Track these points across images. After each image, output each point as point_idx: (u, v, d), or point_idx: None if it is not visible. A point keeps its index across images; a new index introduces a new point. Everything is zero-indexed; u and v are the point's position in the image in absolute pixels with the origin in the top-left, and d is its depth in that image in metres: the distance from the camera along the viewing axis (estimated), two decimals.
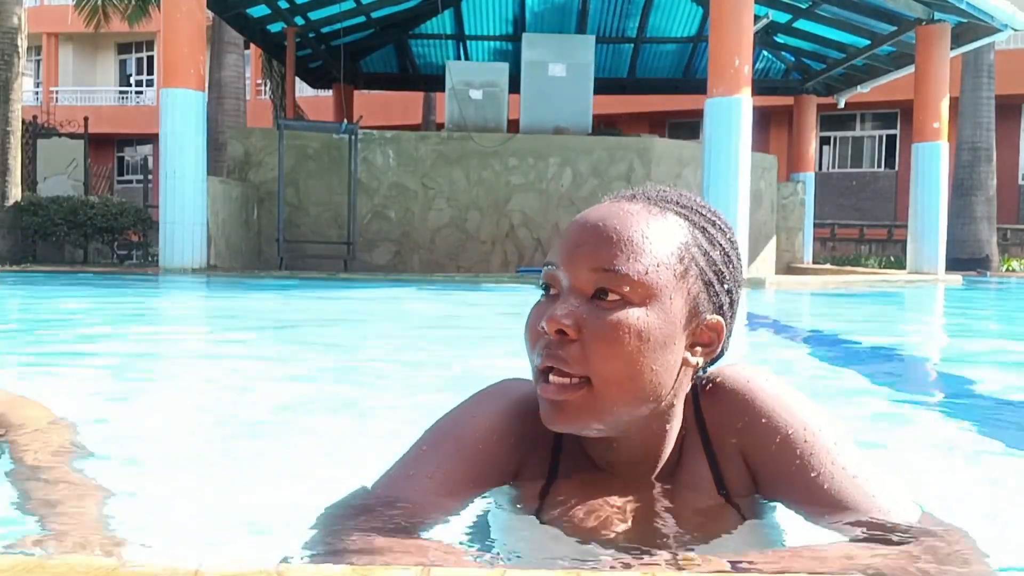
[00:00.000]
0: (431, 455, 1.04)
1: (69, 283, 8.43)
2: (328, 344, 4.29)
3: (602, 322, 0.94)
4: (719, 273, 1.02)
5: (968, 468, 1.90)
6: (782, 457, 1.02)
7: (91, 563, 0.64)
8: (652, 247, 0.97)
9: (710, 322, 1.02)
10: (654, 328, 0.96)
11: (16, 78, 11.86)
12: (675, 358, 0.99)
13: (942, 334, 5.80)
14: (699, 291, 1.00)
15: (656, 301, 0.96)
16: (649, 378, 0.97)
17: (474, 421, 1.06)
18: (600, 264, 0.96)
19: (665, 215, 1.01)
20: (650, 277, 0.96)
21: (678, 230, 1.00)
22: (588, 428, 0.99)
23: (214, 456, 1.90)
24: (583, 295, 0.97)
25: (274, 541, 0.94)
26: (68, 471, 1.33)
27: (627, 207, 1.01)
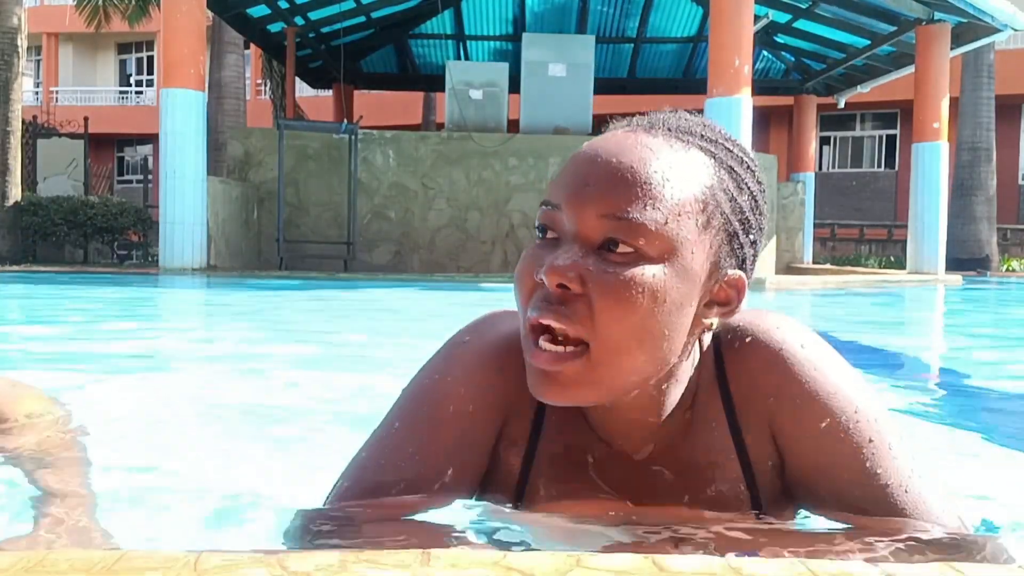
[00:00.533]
0: (405, 435, 0.94)
1: (69, 283, 8.43)
2: (328, 344, 4.29)
3: (612, 278, 0.80)
4: (745, 222, 0.88)
5: (968, 468, 1.90)
6: (811, 451, 0.89)
7: (91, 557, 0.64)
8: (673, 192, 0.82)
9: (731, 278, 0.88)
10: (671, 287, 0.82)
11: (16, 78, 11.86)
12: (689, 319, 0.86)
13: (942, 334, 5.79)
14: (722, 243, 0.86)
15: (675, 255, 0.82)
16: (659, 344, 0.83)
17: (451, 390, 0.94)
18: (611, 210, 0.81)
19: (689, 151, 0.86)
20: (670, 228, 0.82)
21: (703, 171, 0.85)
22: (581, 400, 0.86)
23: (214, 454, 1.90)
24: (589, 244, 0.83)
25: (274, 533, 0.94)
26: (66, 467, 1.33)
27: (645, 140, 0.85)
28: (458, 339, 0.99)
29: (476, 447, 0.95)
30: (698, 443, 0.94)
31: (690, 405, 0.94)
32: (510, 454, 0.97)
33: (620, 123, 0.93)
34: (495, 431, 0.96)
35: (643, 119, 0.91)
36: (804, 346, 0.92)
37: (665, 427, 0.93)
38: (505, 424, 0.96)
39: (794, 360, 0.90)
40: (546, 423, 0.96)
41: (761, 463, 0.93)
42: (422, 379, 0.98)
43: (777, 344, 0.91)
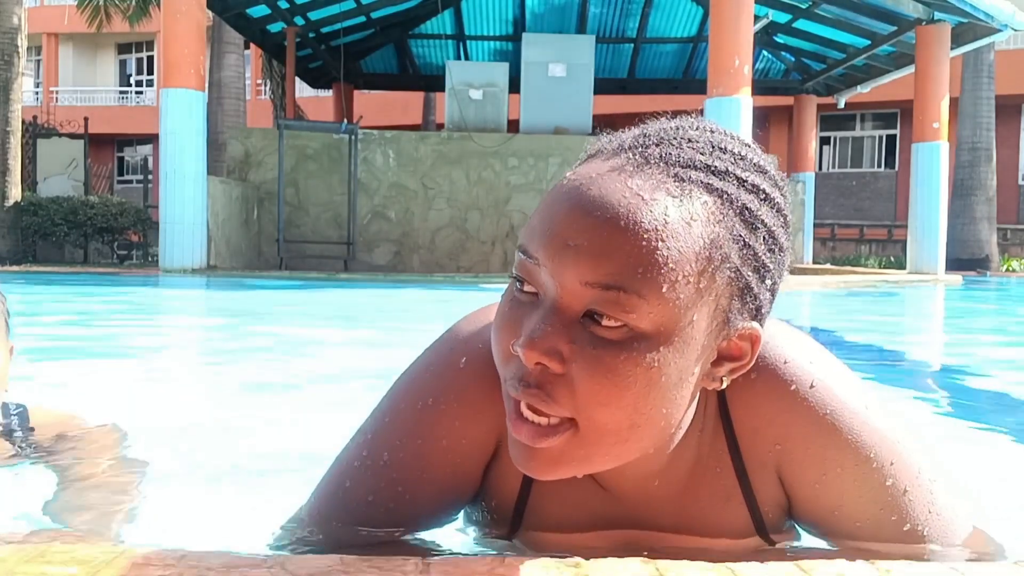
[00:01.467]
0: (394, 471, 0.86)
1: (69, 283, 8.43)
2: (328, 344, 4.29)
3: (598, 359, 0.69)
4: (760, 268, 0.75)
5: (968, 467, 1.90)
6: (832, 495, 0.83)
7: (91, 551, 0.64)
8: (670, 253, 0.69)
9: (743, 332, 0.76)
10: (667, 364, 0.70)
11: (16, 78, 11.86)
12: (691, 389, 0.75)
13: (942, 334, 5.79)
14: (731, 299, 0.74)
15: (672, 327, 0.70)
16: (656, 422, 0.73)
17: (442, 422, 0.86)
18: (596, 278, 0.68)
19: (690, 196, 0.72)
20: (666, 298, 0.69)
21: (707, 219, 0.72)
22: (569, 475, 0.76)
23: (214, 455, 1.90)
24: (571, 312, 0.71)
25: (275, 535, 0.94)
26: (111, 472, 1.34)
27: (637, 185, 0.71)
28: (451, 357, 0.88)
29: (468, 478, 0.89)
30: (702, 486, 0.87)
31: (694, 446, 0.86)
32: (503, 482, 0.90)
33: (609, 147, 0.78)
34: (488, 456, 0.89)
35: (636, 150, 0.75)
36: (814, 385, 0.83)
37: (668, 472, 0.86)
38: (499, 448, 0.88)
39: (803, 405, 0.82)
40: None
41: (768, 504, 0.88)
42: (413, 402, 0.88)
43: (785, 384, 0.83)
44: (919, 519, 0.83)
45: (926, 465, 0.86)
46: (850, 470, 0.82)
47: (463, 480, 0.88)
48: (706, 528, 0.88)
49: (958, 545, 0.83)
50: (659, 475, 0.85)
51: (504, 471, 0.88)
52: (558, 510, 0.89)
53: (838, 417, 0.82)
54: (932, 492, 0.84)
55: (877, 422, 0.84)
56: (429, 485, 0.86)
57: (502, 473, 0.88)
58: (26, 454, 1.39)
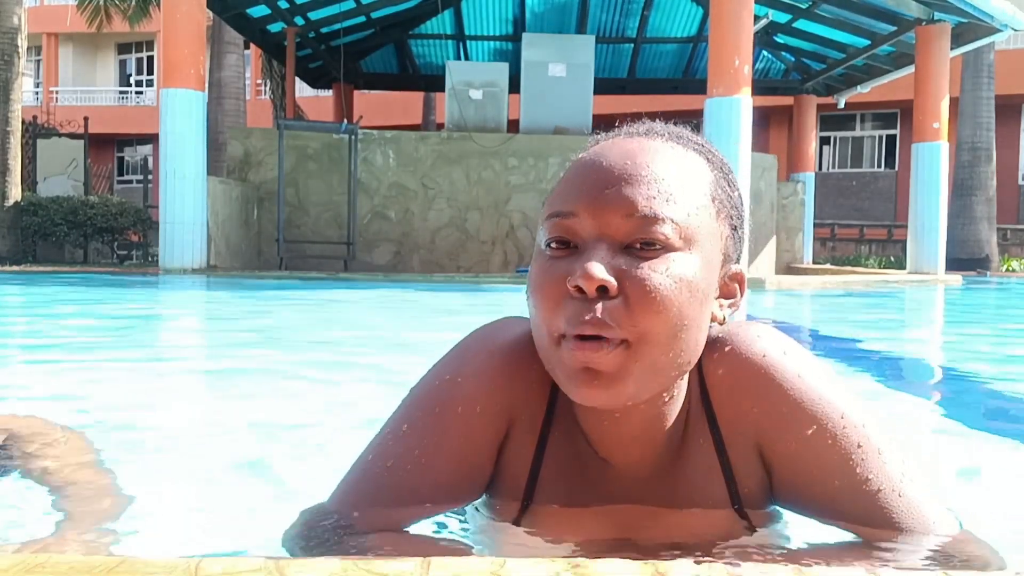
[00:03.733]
0: (412, 439, 0.93)
1: (69, 283, 8.43)
2: (327, 344, 4.29)
3: (649, 274, 0.81)
4: (740, 216, 0.93)
5: (968, 467, 1.90)
6: (800, 460, 0.89)
7: (91, 562, 0.64)
8: (686, 187, 0.85)
9: (734, 272, 0.92)
10: (699, 277, 0.84)
11: (16, 78, 11.86)
12: (709, 311, 0.88)
13: (942, 334, 5.79)
14: (728, 235, 0.90)
15: (697, 246, 0.85)
16: (692, 334, 0.85)
17: (456, 394, 0.93)
18: (635, 209, 0.83)
19: (687, 152, 0.90)
20: (690, 220, 0.84)
21: (703, 169, 0.90)
22: (621, 398, 0.84)
23: (214, 458, 1.90)
24: (616, 245, 0.83)
25: (274, 539, 0.94)
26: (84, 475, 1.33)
27: (649, 144, 0.88)
28: (469, 342, 0.98)
29: (482, 451, 0.94)
30: (687, 462, 0.94)
31: (682, 425, 0.94)
32: (515, 461, 0.96)
33: (613, 132, 0.95)
34: (501, 435, 0.95)
35: (638, 126, 0.94)
36: (786, 353, 0.92)
37: (662, 446, 0.93)
38: (511, 428, 0.95)
39: (776, 368, 0.91)
40: (552, 434, 0.95)
41: (745, 480, 0.94)
42: (431, 380, 0.97)
43: (758, 353, 0.92)
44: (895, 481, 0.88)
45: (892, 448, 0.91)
46: (826, 429, 0.88)
47: (477, 453, 0.94)
48: (691, 501, 0.95)
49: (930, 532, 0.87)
50: (656, 450, 0.93)
51: (517, 451, 0.95)
52: (565, 485, 0.95)
53: (811, 380, 0.91)
54: (903, 461, 0.90)
55: (847, 392, 0.92)
56: (445, 453, 0.92)
57: (515, 453, 0.95)
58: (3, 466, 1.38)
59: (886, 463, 0.88)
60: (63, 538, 1.06)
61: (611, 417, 0.91)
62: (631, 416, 0.90)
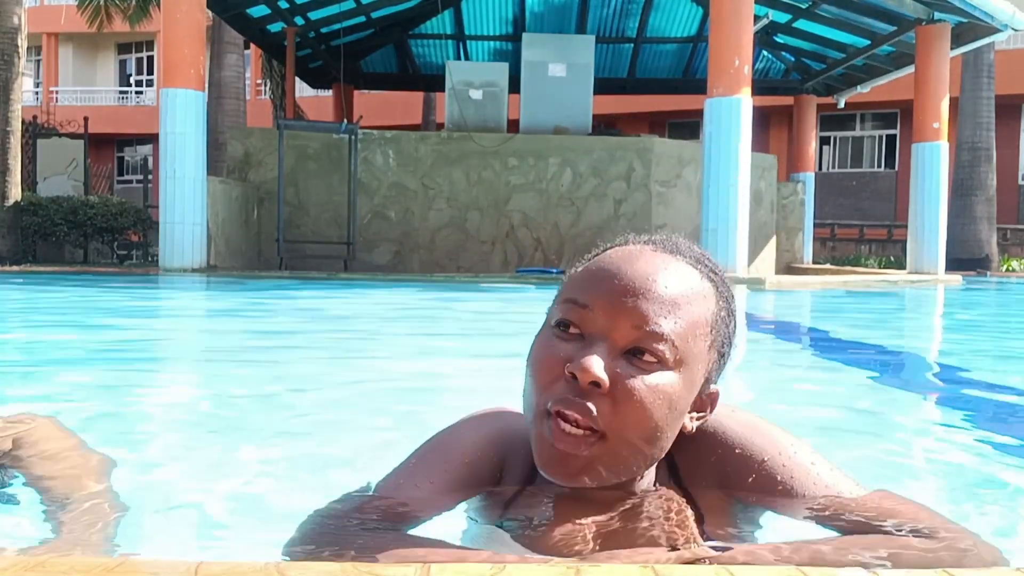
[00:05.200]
0: (419, 467, 1.05)
1: (69, 283, 8.43)
2: (327, 344, 4.29)
3: (640, 383, 0.91)
4: (731, 345, 1.03)
5: (968, 467, 1.90)
6: (763, 484, 1.01)
7: (91, 562, 0.64)
8: (694, 313, 0.95)
9: (711, 391, 1.02)
10: (682, 396, 0.94)
11: (16, 78, 11.86)
12: (681, 424, 0.98)
13: (942, 334, 5.80)
14: (714, 361, 0.99)
15: (686, 368, 0.94)
16: (661, 443, 0.96)
17: (459, 440, 1.07)
18: (646, 322, 0.92)
19: (703, 280, 0.99)
20: (688, 343, 0.94)
21: (711, 297, 0.98)
22: (587, 482, 0.95)
23: (214, 458, 1.90)
24: (616, 347, 0.92)
25: (274, 540, 0.94)
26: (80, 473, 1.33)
27: (670, 262, 0.97)
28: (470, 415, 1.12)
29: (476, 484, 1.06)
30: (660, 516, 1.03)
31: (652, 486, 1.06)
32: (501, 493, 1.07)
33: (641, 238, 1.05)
34: (493, 481, 1.06)
35: (665, 241, 1.03)
36: (732, 417, 1.06)
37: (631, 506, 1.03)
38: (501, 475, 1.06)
39: (726, 428, 1.04)
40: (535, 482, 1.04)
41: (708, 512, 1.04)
42: (438, 433, 1.11)
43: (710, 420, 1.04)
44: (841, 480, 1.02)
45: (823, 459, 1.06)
46: (778, 458, 1.02)
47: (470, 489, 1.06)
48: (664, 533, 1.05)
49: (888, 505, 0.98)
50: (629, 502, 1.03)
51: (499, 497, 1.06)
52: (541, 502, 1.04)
53: (759, 425, 1.06)
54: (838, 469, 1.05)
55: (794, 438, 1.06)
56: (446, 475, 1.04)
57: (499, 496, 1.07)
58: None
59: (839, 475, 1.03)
60: (63, 539, 1.06)
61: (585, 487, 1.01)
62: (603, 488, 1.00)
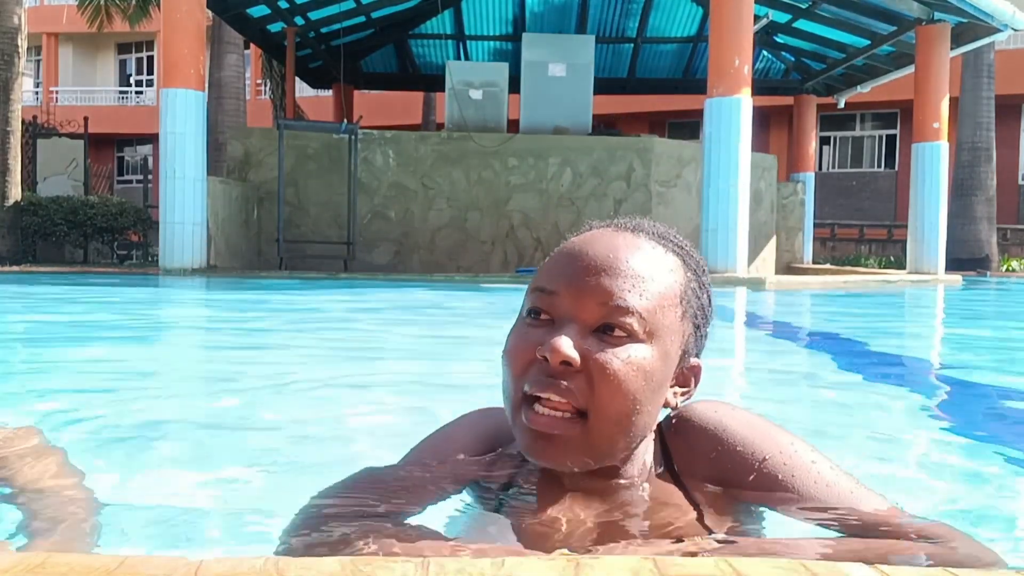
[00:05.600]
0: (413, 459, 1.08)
1: (69, 283, 8.43)
2: (327, 344, 4.29)
3: (610, 356, 0.91)
4: (706, 317, 1.03)
5: (967, 467, 1.90)
6: (763, 482, 1.00)
7: (91, 562, 0.64)
8: (659, 285, 0.95)
9: (692, 365, 1.02)
10: (656, 368, 0.94)
11: (16, 78, 11.87)
12: (663, 398, 0.99)
13: (942, 334, 5.80)
14: (690, 333, 1.00)
15: (659, 340, 0.94)
16: (643, 418, 0.95)
17: (454, 437, 1.09)
18: (610, 298, 0.92)
19: (667, 253, 0.99)
20: (656, 315, 0.94)
21: (678, 270, 0.99)
22: (572, 464, 0.95)
23: (214, 455, 1.90)
24: (586, 327, 0.93)
25: (272, 542, 0.94)
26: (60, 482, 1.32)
27: (631, 239, 0.98)
28: (460, 417, 1.15)
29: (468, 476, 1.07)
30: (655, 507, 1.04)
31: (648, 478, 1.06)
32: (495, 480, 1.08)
33: (605, 223, 1.05)
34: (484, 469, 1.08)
35: (626, 221, 1.03)
36: (734, 416, 1.05)
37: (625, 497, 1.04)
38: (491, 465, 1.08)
39: (726, 425, 1.03)
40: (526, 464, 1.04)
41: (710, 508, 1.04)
42: (432, 433, 1.14)
43: (711, 416, 1.04)
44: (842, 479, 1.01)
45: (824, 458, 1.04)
46: (778, 456, 1.00)
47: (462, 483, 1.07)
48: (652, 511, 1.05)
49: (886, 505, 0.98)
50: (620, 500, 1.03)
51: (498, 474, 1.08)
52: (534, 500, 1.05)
53: (760, 424, 1.04)
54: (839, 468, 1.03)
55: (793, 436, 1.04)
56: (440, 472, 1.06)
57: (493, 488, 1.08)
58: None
59: (841, 474, 1.01)
60: (63, 539, 1.06)
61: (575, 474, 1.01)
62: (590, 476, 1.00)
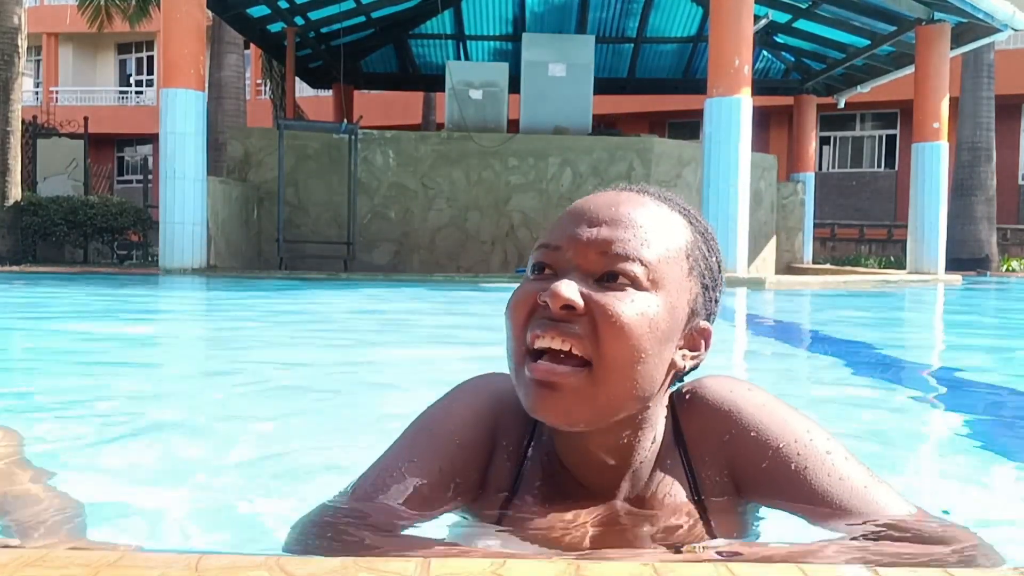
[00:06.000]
0: (407, 452, 1.03)
1: (69, 283, 8.43)
2: (327, 344, 4.29)
3: (613, 301, 0.89)
4: (714, 279, 1.00)
5: (967, 467, 1.90)
6: (775, 471, 0.97)
7: (91, 556, 0.64)
8: (662, 238, 0.94)
9: (702, 327, 0.99)
10: (661, 318, 0.91)
11: (16, 78, 11.87)
12: (670, 355, 0.95)
13: (942, 334, 5.79)
14: (698, 293, 0.97)
15: (664, 292, 0.92)
16: (649, 371, 0.92)
17: (448, 417, 1.04)
18: (613, 247, 0.91)
19: (672, 213, 0.98)
20: (661, 266, 0.92)
21: (683, 229, 0.98)
22: (577, 418, 0.92)
23: (214, 456, 1.90)
24: (588, 276, 0.91)
25: (272, 539, 0.95)
26: None
27: (638, 197, 0.98)
28: (461, 385, 1.09)
29: (468, 468, 1.03)
30: (660, 487, 1.02)
31: (651, 454, 1.02)
32: (498, 477, 1.04)
33: (612, 186, 1.04)
34: (486, 456, 1.04)
35: (631, 186, 1.02)
36: (749, 398, 1.02)
37: (634, 475, 1.02)
38: (495, 451, 1.04)
39: (741, 408, 1.00)
40: (530, 458, 1.04)
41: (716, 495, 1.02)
42: (428, 410, 1.08)
43: (726, 396, 1.02)
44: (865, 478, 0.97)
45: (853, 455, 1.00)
46: (792, 445, 0.97)
47: (464, 466, 1.02)
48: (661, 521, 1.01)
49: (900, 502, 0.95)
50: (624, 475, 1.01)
51: (499, 470, 1.04)
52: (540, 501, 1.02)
53: (776, 408, 1.01)
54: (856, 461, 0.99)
55: (810, 419, 1.01)
56: (436, 461, 1.01)
57: (498, 471, 1.04)
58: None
59: (854, 466, 0.97)
60: (62, 535, 1.06)
61: (581, 445, 0.98)
62: (598, 444, 0.98)
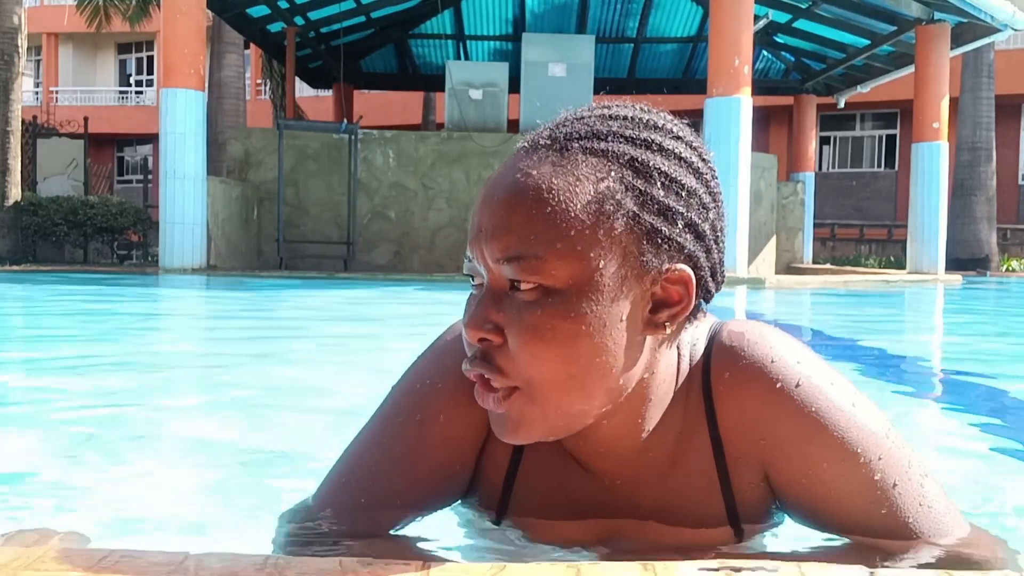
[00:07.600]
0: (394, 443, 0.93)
1: (69, 283, 8.43)
2: (327, 344, 4.29)
3: (523, 320, 0.78)
4: (666, 211, 0.80)
5: (968, 466, 1.90)
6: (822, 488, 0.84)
7: (88, 555, 0.64)
8: (555, 214, 0.77)
9: (672, 275, 0.81)
10: (585, 313, 0.77)
11: (16, 78, 11.86)
12: (625, 334, 0.80)
13: (942, 334, 5.79)
14: (638, 243, 0.79)
15: (579, 276, 0.78)
16: (595, 369, 0.79)
17: (436, 401, 0.92)
18: (503, 253, 0.78)
19: (572, 160, 0.80)
20: (563, 253, 0.77)
21: (591, 175, 0.79)
22: (538, 435, 0.83)
23: (214, 453, 1.90)
24: (500, 288, 0.80)
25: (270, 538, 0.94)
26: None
27: (523, 165, 0.81)
28: (448, 351, 0.95)
29: (461, 457, 0.94)
30: (681, 476, 0.90)
31: (674, 437, 0.89)
32: (493, 468, 0.95)
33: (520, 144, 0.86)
34: (480, 442, 0.94)
35: (530, 139, 0.85)
36: (800, 384, 0.85)
37: (647, 455, 0.89)
38: (489, 436, 0.93)
39: (789, 402, 0.84)
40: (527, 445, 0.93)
41: (746, 498, 0.90)
42: (412, 383, 0.96)
43: (771, 381, 0.85)
44: (909, 512, 0.83)
45: (915, 460, 0.86)
46: (836, 465, 0.83)
47: (457, 458, 0.94)
48: (682, 517, 0.91)
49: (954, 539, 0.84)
50: (639, 457, 0.89)
51: (494, 457, 0.94)
52: (542, 495, 0.93)
53: (824, 414, 0.84)
54: (923, 486, 0.85)
55: (864, 419, 0.85)
56: (426, 458, 0.92)
57: (492, 459, 0.95)
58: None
59: (900, 495, 0.84)
60: (61, 535, 1.06)
61: (576, 435, 0.87)
62: (594, 434, 0.87)
